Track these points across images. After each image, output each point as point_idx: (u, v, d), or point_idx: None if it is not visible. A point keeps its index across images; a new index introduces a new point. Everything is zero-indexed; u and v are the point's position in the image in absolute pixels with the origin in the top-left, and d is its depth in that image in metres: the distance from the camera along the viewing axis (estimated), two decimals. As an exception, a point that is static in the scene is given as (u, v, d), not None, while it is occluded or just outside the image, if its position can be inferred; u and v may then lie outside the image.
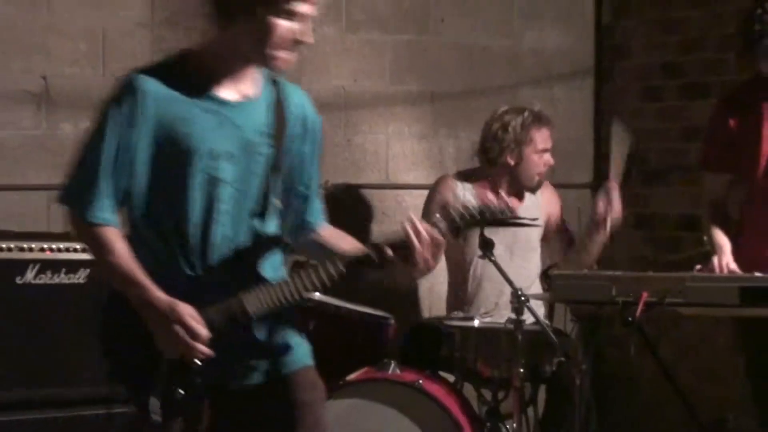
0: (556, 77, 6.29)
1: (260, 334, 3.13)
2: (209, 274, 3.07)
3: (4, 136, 5.12)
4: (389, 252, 3.04)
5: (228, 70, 3.09)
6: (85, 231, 3.06)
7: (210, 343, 2.98)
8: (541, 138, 4.89)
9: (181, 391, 3.01)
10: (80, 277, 4.41)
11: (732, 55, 5.50)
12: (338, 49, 5.73)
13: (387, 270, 3.30)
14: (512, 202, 4.93)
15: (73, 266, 4.40)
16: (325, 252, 3.23)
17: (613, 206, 4.71)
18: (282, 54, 3.05)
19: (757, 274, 3.94)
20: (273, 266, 3.18)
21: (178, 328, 2.93)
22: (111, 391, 4.38)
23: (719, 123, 4.25)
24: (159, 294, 2.96)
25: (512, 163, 4.87)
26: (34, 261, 4.34)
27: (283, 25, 3.00)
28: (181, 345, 2.95)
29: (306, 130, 3.23)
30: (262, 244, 3.16)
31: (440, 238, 3.04)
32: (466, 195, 4.88)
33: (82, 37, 5.25)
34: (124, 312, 3.05)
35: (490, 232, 4.42)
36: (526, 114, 4.89)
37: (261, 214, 3.15)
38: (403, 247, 3.02)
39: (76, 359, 4.38)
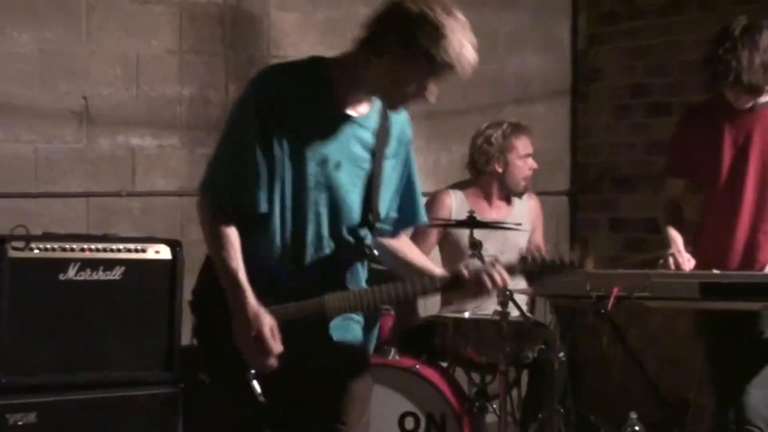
0: (537, 97, 6.28)
1: (331, 338, 3.02)
2: (301, 273, 2.96)
3: (50, 149, 5.12)
4: (467, 283, 2.99)
5: (352, 90, 2.95)
6: (217, 222, 2.95)
7: (285, 335, 2.89)
8: (522, 144, 4.88)
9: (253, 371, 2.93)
10: (116, 274, 4.38)
11: (692, 77, 5.49)
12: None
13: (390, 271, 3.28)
14: (501, 206, 4.94)
15: (109, 264, 4.38)
16: (399, 264, 3.20)
17: None
18: (404, 105, 2.99)
19: (715, 271, 3.93)
20: (357, 274, 3.08)
21: (256, 338, 2.85)
22: (142, 375, 4.42)
23: (683, 134, 4.23)
24: (252, 299, 2.87)
25: (500, 170, 4.85)
26: (75, 260, 4.33)
27: (424, 83, 2.90)
28: (253, 354, 2.88)
29: (401, 144, 3.10)
30: (352, 252, 3.05)
31: (508, 281, 3.01)
32: (459, 205, 4.87)
33: (117, 62, 5.26)
34: (215, 301, 2.96)
35: (482, 235, 4.41)
36: (505, 126, 4.88)
37: (357, 224, 3.04)
38: (477, 281, 2.98)
39: (112, 347, 4.37)
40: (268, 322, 2.86)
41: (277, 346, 2.87)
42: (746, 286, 3.83)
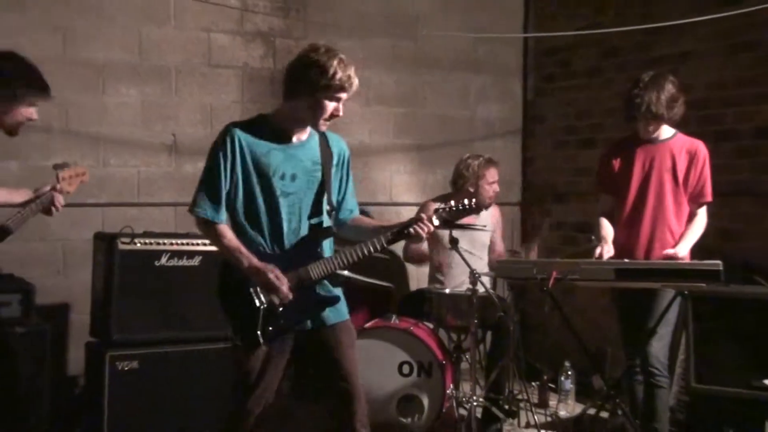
0: (498, 135, 6.26)
1: (318, 295, 3.13)
2: (285, 253, 3.08)
3: (148, 171, 5.13)
4: (408, 230, 3.13)
5: (290, 126, 3.12)
6: (209, 228, 3.07)
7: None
8: (490, 174, 4.84)
9: (271, 328, 3.04)
10: (195, 261, 4.39)
11: (609, 120, 5.48)
12: (359, 116, 5.71)
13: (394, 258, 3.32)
14: (471, 216, 4.90)
15: (190, 254, 4.38)
16: (361, 232, 3.26)
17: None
18: (325, 122, 3.10)
19: (626, 260, 3.91)
20: (328, 247, 3.19)
21: (270, 277, 2.97)
22: (213, 333, 4.38)
23: (606, 162, 4.20)
24: (256, 260, 3.01)
25: (471, 190, 4.82)
26: (166, 251, 4.33)
27: (328, 105, 3.04)
28: (273, 288, 2.99)
29: (341, 159, 3.25)
30: (319, 233, 3.15)
31: (431, 227, 3.16)
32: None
33: (197, 109, 5.26)
34: (231, 282, 3.07)
35: (458, 234, 4.39)
36: (480, 159, 4.85)
37: (318, 213, 3.15)
38: (411, 227, 3.13)
39: (192, 313, 4.36)
40: (271, 266, 3.00)
41: (284, 279, 3.00)
42: (648, 271, 3.81)
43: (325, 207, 3.16)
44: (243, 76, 5.37)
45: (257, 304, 3.02)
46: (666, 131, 4.05)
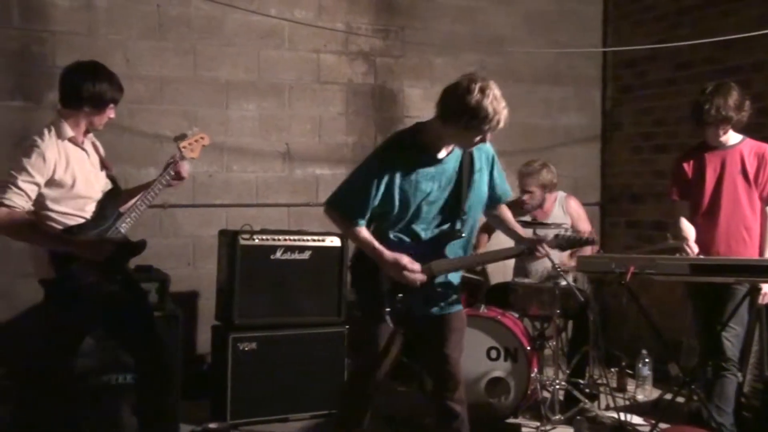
0: (578, 141, 6.12)
1: (438, 288, 3.16)
2: (419, 248, 3.09)
3: (265, 176, 5.21)
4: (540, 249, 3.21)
5: (439, 143, 3.08)
6: (348, 226, 3.09)
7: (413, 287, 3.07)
8: (524, 182, 4.74)
9: (389, 309, 3.07)
10: (306, 255, 4.42)
11: (683, 127, 5.29)
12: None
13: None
14: (546, 209, 4.77)
15: (302, 249, 4.41)
16: (500, 225, 3.34)
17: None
18: (472, 149, 3.10)
19: (701, 256, 3.75)
20: (453, 248, 3.17)
21: (404, 264, 3.02)
22: (322, 319, 4.44)
23: (680, 170, 4.04)
24: (388, 252, 3.03)
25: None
26: (281, 246, 4.38)
27: (476, 138, 3.01)
28: (406, 275, 3.02)
29: (482, 163, 3.20)
30: (447, 235, 3.14)
31: (549, 252, 3.25)
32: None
33: (307, 121, 5.32)
34: (364, 268, 3.11)
35: (540, 232, 4.27)
36: (522, 167, 4.80)
37: (452, 218, 3.14)
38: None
39: (303, 301, 4.41)
40: (403, 256, 3.03)
41: (417, 266, 3.04)
42: (721, 266, 3.65)
43: (461, 212, 3.14)
44: (347, 91, 5.41)
45: (385, 288, 3.06)
46: (734, 137, 3.90)
